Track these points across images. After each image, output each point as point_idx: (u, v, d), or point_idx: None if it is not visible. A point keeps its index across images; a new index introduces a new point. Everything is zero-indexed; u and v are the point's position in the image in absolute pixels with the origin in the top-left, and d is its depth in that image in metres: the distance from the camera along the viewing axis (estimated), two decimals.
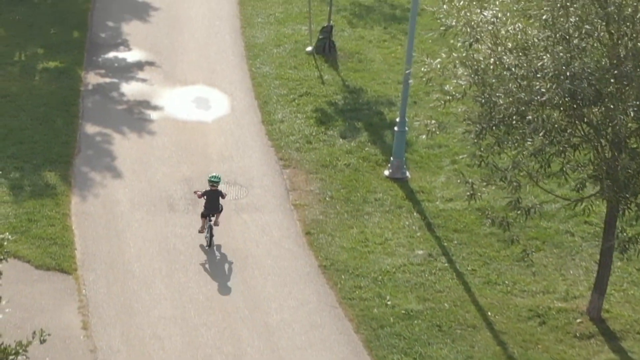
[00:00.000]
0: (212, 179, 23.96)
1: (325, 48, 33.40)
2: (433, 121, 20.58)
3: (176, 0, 37.89)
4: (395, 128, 26.76)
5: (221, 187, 24.26)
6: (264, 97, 30.93)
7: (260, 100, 30.80)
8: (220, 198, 24.03)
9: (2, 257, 15.76)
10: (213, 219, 23.92)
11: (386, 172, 26.93)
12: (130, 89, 31.35)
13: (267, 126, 29.37)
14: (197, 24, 35.89)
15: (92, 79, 31.91)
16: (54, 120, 28.94)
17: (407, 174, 26.89)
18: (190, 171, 26.90)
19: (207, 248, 23.99)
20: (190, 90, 31.45)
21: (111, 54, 33.64)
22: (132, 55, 33.61)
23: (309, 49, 33.75)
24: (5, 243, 14.67)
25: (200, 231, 24.09)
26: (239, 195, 25.98)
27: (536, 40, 18.96)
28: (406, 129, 26.87)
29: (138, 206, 25.33)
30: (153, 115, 29.84)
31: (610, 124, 18.42)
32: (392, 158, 26.92)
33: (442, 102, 20.16)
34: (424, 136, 21.89)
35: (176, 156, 27.65)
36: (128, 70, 32.51)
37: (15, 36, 34.32)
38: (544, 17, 18.69)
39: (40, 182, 25.87)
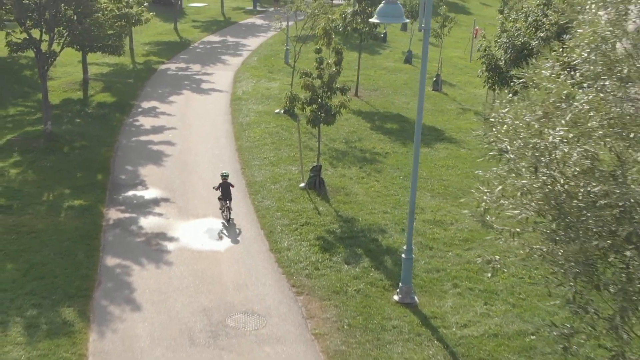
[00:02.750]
0: (223, 174, 22.17)
1: (316, 184, 24.50)
2: (497, 257, 11.53)
3: (185, 149, 28.78)
4: (403, 255, 17.78)
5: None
6: (269, 227, 21.69)
7: (266, 230, 21.55)
8: (230, 187, 21.94)
9: None
10: (229, 203, 21.83)
11: (395, 297, 17.77)
12: (148, 222, 21.88)
13: (276, 254, 20.08)
14: (204, 167, 26.78)
15: (113, 214, 22.36)
16: (75, 254, 19.30)
17: (416, 298, 17.76)
18: (208, 300, 17.43)
19: (226, 224, 21.71)
20: (202, 222, 22.05)
21: (130, 193, 24.19)
22: (149, 193, 24.19)
23: (302, 185, 24.79)
24: None
25: (220, 209, 21.99)
26: (258, 325, 16.51)
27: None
28: (413, 256, 17.86)
29: (158, 341, 15.71)
30: (169, 246, 20.36)
31: None
32: (400, 284, 17.83)
33: (510, 235, 11.19)
34: (489, 274, 12.37)
35: (193, 286, 18.16)
36: (146, 206, 23.07)
37: (45, 179, 24.74)
38: None
39: (57, 320, 16.13)
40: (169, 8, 59.45)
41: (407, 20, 17.00)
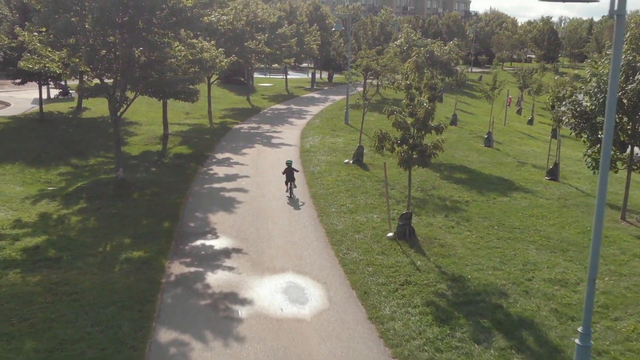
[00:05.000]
0: (288, 162, 19.73)
1: (406, 234, 16.01)
2: None
3: (258, 195, 20.57)
4: (577, 341, 9.07)
5: None
6: (361, 287, 13.13)
7: (358, 291, 12.98)
8: (294, 172, 19.71)
9: None
10: (292, 184, 19.57)
11: None
12: (216, 278, 13.53)
13: (378, 325, 11.46)
14: (278, 214, 18.49)
15: (176, 268, 14.05)
16: (119, 326, 10.92)
17: None
18: None
19: (289, 198, 19.22)
20: (280, 279, 13.62)
21: (198, 242, 15.94)
22: (219, 243, 15.93)
23: (390, 234, 16.29)
24: None
25: (286, 190, 19.61)
26: None
27: None
28: (591, 342, 9.11)
29: None
30: (242, 311, 11.92)
31: None
32: None
33: None
34: None
35: None
36: (215, 258, 14.78)
37: (105, 227, 16.63)
38: None
39: None
40: (243, 86, 53.80)
41: (596, 1, 8.54)
